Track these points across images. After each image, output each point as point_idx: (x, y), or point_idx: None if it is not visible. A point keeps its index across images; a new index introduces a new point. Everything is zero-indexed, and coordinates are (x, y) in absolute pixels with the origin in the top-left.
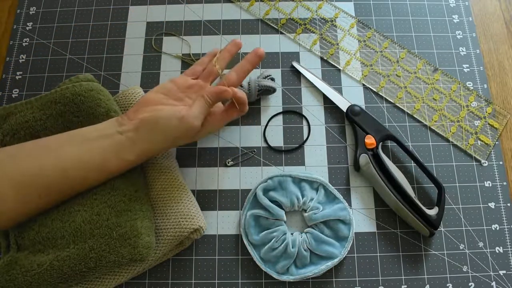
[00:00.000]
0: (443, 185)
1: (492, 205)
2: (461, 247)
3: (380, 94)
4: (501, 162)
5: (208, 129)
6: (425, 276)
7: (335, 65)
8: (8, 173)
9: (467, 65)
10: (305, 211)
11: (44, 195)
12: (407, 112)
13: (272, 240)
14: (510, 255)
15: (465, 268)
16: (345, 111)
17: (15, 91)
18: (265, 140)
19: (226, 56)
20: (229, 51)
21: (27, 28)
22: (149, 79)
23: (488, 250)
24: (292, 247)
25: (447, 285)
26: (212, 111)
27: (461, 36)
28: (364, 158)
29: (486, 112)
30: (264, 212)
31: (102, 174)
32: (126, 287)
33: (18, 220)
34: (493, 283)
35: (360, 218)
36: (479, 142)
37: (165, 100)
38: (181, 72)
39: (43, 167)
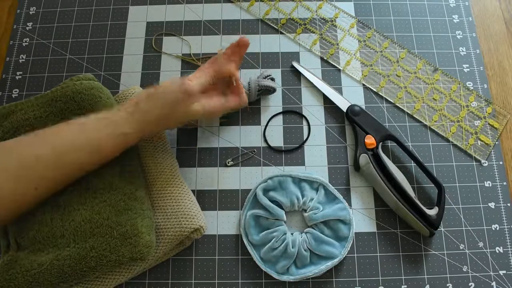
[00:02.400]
0: (443, 185)
1: (492, 205)
2: (461, 247)
3: (380, 94)
4: (501, 162)
5: (205, 108)
6: (425, 276)
7: (335, 65)
8: (4, 166)
9: (467, 65)
10: (305, 211)
11: (41, 186)
12: (407, 112)
13: (272, 240)
14: (510, 255)
15: (465, 268)
16: (345, 111)
17: (15, 91)
18: (265, 140)
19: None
20: (227, 55)
21: (27, 28)
22: (149, 79)
23: (488, 250)
24: (292, 247)
25: (447, 285)
26: (212, 92)
27: (461, 36)
28: (364, 158)
29: (486, 112)
30: (264, 212)
31: (98, 156)
32: (126, 287)
33: (16, 212)
34: (493, 283)
35: (360, 218)
36: (479, 142)
37: None
38: (181, 72)
39: (39, 158)
